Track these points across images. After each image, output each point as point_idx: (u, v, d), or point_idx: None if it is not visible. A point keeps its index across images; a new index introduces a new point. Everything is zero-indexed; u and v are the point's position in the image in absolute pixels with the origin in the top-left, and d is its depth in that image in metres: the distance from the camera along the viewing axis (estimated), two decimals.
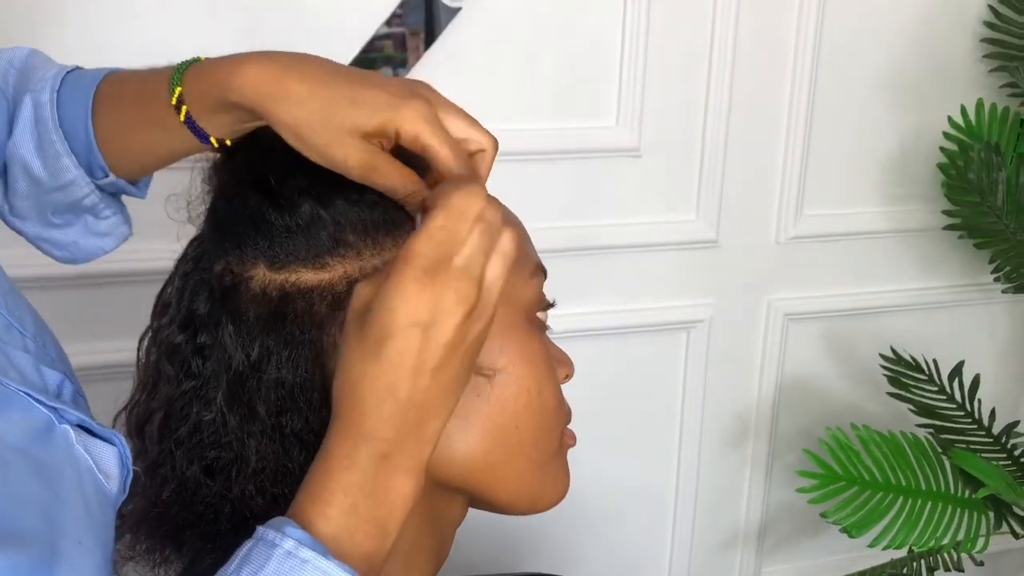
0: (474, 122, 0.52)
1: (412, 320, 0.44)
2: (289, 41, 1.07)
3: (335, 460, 0.45)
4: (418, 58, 1.15)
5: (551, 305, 0.56)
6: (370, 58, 1.13)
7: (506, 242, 0.46)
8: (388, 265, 0.46)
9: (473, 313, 0.45)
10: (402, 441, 0.45)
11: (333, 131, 0.48)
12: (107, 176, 0.60)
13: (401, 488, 0.45)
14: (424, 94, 0.50)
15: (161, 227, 0.55)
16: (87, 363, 0.99)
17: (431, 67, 1.14)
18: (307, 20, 1.11)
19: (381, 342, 0.44)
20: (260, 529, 0.43)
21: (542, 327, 0.55)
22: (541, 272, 0.55)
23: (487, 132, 0.52)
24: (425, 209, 0.47)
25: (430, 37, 1.14)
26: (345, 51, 1.12)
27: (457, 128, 0.51)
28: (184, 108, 0.53)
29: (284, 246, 0.49)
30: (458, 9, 1.15)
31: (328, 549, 0.43)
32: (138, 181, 0.64)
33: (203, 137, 0.54)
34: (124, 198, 0.66)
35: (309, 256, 0.49)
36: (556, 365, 0.55)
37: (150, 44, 1.04)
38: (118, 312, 1.00)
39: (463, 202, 0.45)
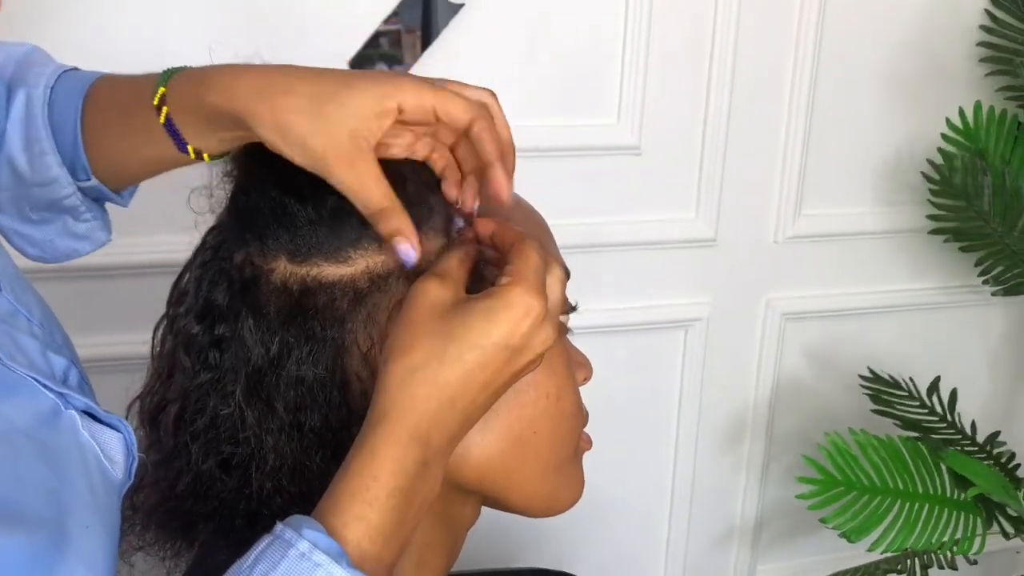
0: (465, 84, 0.52)
1: (506, 341, 0.45)
2: (287, 38, 1.08)
3: (383, 462, 0.44)
4: (415, 55, 1.14)
5: (573, 308, 0.55)
6: (368, 55, 1.13)
7: (562, 277, 0.50)
8: (454, 266, 0.47)
9: (543, 355, 0.47)
10: (442, 450, 0.46)
11: (320, 118, 0.47)
12: (89, 179, 0.59)
13: (428, 492, 0.46)
14: (411, 74, 0.50)
15: (173, 220, 0.54)
16: (94, 355, 0.99)
17: (431, 64, 1.14)
18: (305, 16, 1.10)
19: (467, 350, 0.45)
20: (279, 526, 0.43)
21: (563, 330, 0.55)
22: (565, 274, 0.54)
23: (481, 88, 0.52)
24: (471, 222, 0.50)
25: (427, 34, 1.14)
26: (345, 48, 1.11)
27: (453, 89, 0.51)
28: (165, 109, 0.52)
29: (306, 239, 0.48)
30: (460, 6, 1.15)
31: (350, 553, 0.43)
32: (122, 190, 0.63)
33: (181, 143, 0.53)
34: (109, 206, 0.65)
35: (331, 249, 0.48)
36: (575, 368, 0.55)
37: (146, 42, 1.04)
38: (127, 304, 1.00)
39: (539, 251, 0.48)
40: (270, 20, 1.10)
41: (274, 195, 0.49)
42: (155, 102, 0.52)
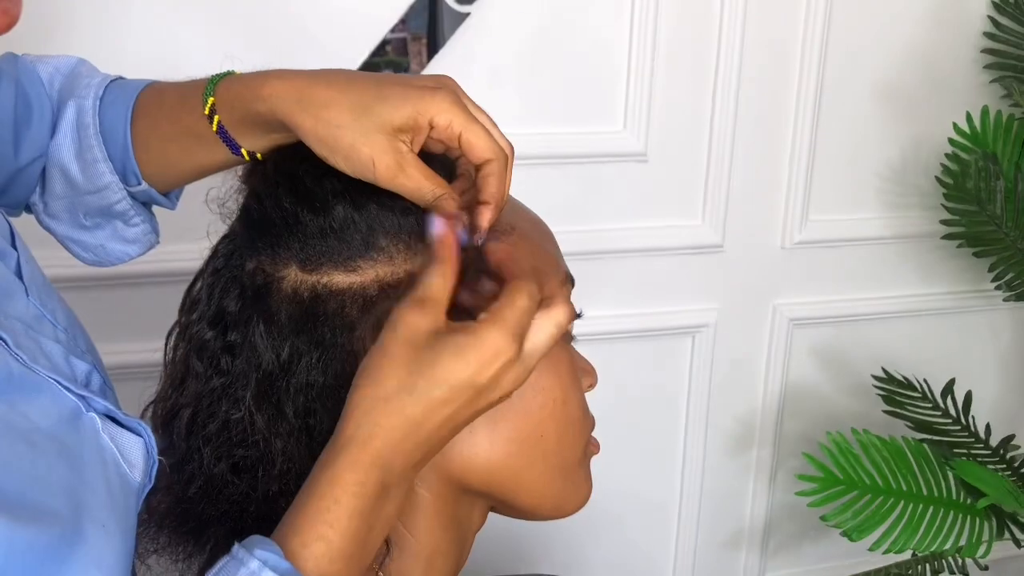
0: (494, 125, 0.52)
1: (473, 381, 0.45)
2: (295, 45, 1.09)
3: (345, 485, 0.45)
4: (421, 63, 1.15)
5: (578, 316, 0.55)
6: (375, 62, 1.14)
7: (552, 342, 0.48)
8: (436, 288, 0.46)
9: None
10: (403, 474, 0.47)
11: (361, 130, 0.48)
12: (140, 184, 0.61)
13: (389, 514, 0.47)
14: (450, 86, 0.51)
15: (185, 230, 0.55)
16: (108, 363, 0.99)
17: (437, 71, 1.14)
18: (314, 25, 1.11)
19: (435, 386, 0.45)
20: (235, 546, 0.44)
21: (569, 337, 0.56)
22: (569, 282, 0.55)
23: (503, 137, 0.52)
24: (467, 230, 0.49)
25: (433, 42, 1.15)
26: (353, 55, 1.12)
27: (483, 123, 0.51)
28: (216, 118, 0.54)
29: (316, 248, 0.49)
30: (466, 14, 1.15)
31: (309, 572, 0.44)
32: (170, 192, 0.65)
33: (234, 148, 0.55)
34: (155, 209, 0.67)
35: (341, 259, 0.49)
36: (580, 374, 0.56)
37: (155, 57, 1.05)
38: (140, 312, 1.00)
39: (530, 297, 0.47)
40: (279, 30, 1.10)
41: (286, 205, 0.50)
42: (206, 112, 0.54)
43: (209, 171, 0.60)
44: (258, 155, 0.55)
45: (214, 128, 0.55)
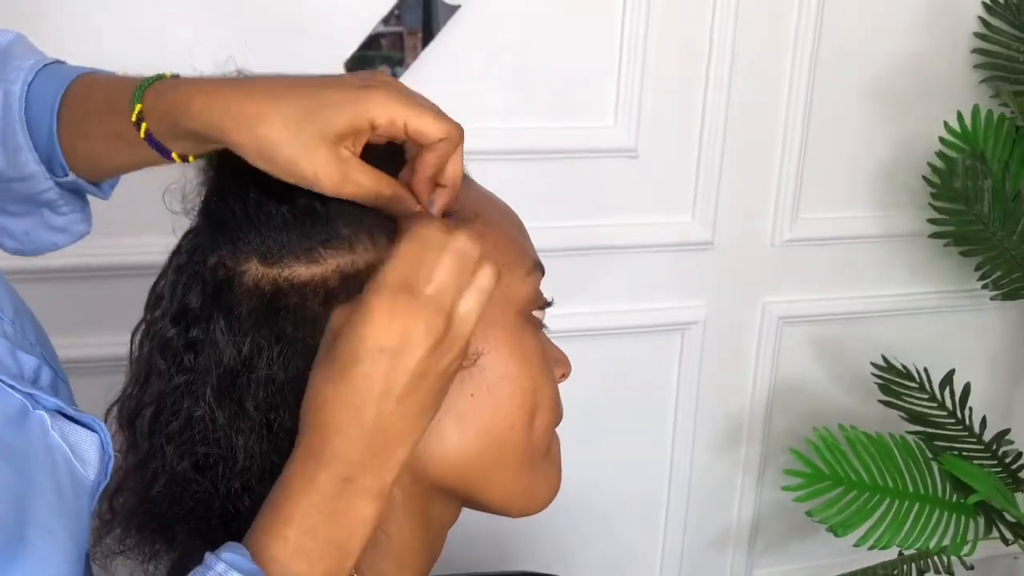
0: (438, 110, 0.50)
1: (379, 345, 0.45)
2: (285, 37, 1.08)
3: (294, 482, 0.46)
4: (415, 57, 1.15)
5: (549, 304, 0.55)
6: (368, 56, 1.13)
7: (484, 278, 0.47)
8: (363, 292, 0.47)
9: (442, 345, 0.46)
10: (366, 465, 0.46)
11: (300, 144, 0.47)
12: (67, 175, 0.59)
13: (362, 511, 0.46)
14: (385, 79, 0.49)
15: (151, 221, 0.54)
16: (81, 356, 0.99)
17: (429, 66, 1.14)
18: (304, 16, 1.11)
19: (348, 366, 0.45)
20: (207, 554, 0.44)
21: (538, 325, 0.55)
22: (539, 269, 0.55)
23: (452, 121, 0.50)
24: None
25: (428, 36, 1.14)
26: (343, 48, 1.12)
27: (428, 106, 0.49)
28: (144, 125, 0.52)
29: (277, 240, 0.49)
30: (457, 7, 1.15)
31: (272, 571, 0.44)
32: (102, 183, 0.62)
33: (164, 152, 0.53)
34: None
35: (302, 249, 0.49)
36: (553, 364, 0.55)
37: (139, 40, 1.04)
38: (112, 305, 0.99)
39: (426, 232, 0.46)
40: (268, 17, 1.10)
41: (246, 197, 0.50)
42: (133, 119, 0.52)
43: (139, 167, 0.58)
44: (190, 158, 0.54)
45: (141, 135, 0.52)
